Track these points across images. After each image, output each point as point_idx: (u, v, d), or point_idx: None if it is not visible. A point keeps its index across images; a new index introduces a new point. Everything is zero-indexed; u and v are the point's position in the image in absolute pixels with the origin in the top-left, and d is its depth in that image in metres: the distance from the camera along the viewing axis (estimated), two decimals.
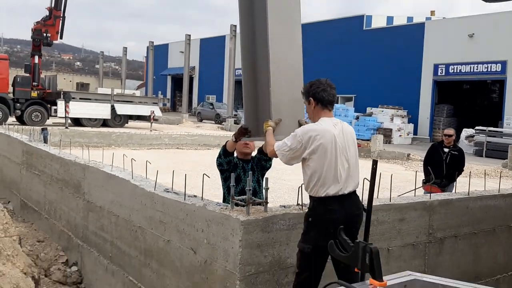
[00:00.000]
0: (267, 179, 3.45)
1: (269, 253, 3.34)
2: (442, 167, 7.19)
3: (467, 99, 32.27)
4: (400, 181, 11.54)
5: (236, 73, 34.12)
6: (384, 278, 2.06)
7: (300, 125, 3.70)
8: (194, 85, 49.14)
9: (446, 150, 7.49)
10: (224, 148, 4.27)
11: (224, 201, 4.34)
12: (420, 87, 30.27)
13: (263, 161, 4.42)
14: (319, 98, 3.27)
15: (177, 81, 51.88)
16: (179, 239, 3.82)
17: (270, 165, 4.46)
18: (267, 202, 3.43)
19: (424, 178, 6.94)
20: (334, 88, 3.33)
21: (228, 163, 4.32)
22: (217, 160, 4.37)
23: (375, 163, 2.50)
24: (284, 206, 3.62)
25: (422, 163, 18.56)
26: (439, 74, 29.51)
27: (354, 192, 3.26)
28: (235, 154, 4.48)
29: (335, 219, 3.05)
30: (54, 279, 5.42)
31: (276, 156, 3.31)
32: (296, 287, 3.16)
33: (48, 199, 6.74)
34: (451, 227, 4.51)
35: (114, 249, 4.88)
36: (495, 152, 21.15)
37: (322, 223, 3.06)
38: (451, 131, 7.72)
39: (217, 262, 3.39)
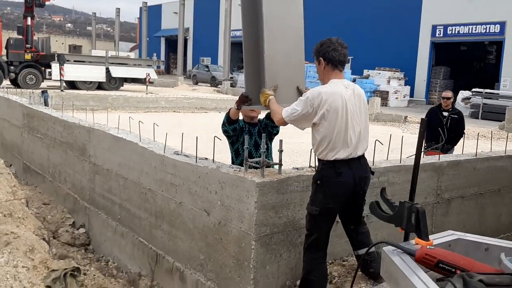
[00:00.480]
0: (281, 141, 3.44)
1: (283, 214, 3.37)
2: (442, 131, 6.91)
3: (464, 61, 32.11)
4: (398, 143, 11.60)
5: (232, 35, 33.61)
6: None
7: (299, 92, 3.59)
8: (189, 47, 48.46)
9: (445, 114, 7.28)
10: (227, 116, 4.20)
11: (232, 164, 4.34)
12: (418, 48, 30.02)
13: (269, 127, 4.35)
14: (329, 58, 3.15)
15: (171, 43, 51.11)
16: (191, 201, 3.85)
17: (277, 131, 4.40)
18: (281, 164, 3.43)
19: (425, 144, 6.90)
20: (345, 47, 3.21)
21: (233, 130, 4.28)
22: (222, 127, 4.32)
23: (422, 122, 2.45)
24: (297, 168, 3.63)
25: (419, 125, 18.66)
26: (437, 35, 29.23)
27: (363, 155, 3.24)
28: (241, 118, 4.44)
29: (344, 182, 3.07)
30: (63, 241, 5.48)
31: (285, 124, 3.22)
32: (307, 248, 3.19)
33: (52, 162, 6.73)
34: (459, 188, 4.56)
35: (123, 211, 4.92)
36: (491, 114, 21.23)
37: (330, 186, 3.07)
38: (449, 93, 7.52)
39: (232, 223, 3.42)
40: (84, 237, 5.62)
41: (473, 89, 23.68)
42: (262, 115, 4.58)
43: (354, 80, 28.16)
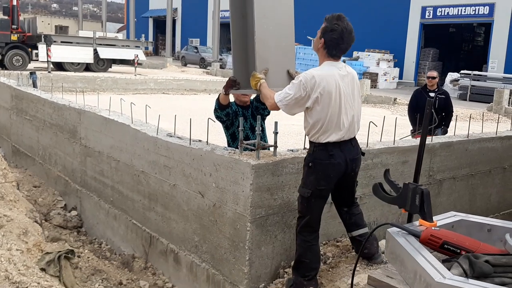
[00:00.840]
0: (276, 123, 3.42)
1: (278, 196, 3.38)
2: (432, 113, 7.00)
3: (453, 43, 32.17)
4: (389, 125, 11.66)
5: (221, 15, 33.25)
6: None
7: (290, 76, 3.53)
8: (177, 28, 47.85)
9: (432, 94, 7.10)
10: (218, 102, 4.08)
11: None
12: (407, 30, 29.97)
13: (260, 109, 4.26)
14: (329, 47, 3.07)
15: (159, 23, 50.41)
16: (185, 183, 3.84)
17: (268, 112, 4.28)
18: (276, 146, 3.43)
19: (412, 127, 6.72)
20: (350, 43, 3.13)
21: (226, 115, 4.14)
22: (214, 113, 4.19)
23: (429, 104, 2.44)
24: (292, 150, 3.63)
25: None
26: (426, 17, 29.17)
27: (354, 137, 3.23)
28: (232, 100, 4.36)
29: (335, 164, 3.07)
30: (55, 223, 5.45)
31: (277, 109, 3.14)
32: (300, 231, 3.19)
33: (41, 144, 6.66)
34: (450, 169, 4.60)
35: (115, 194, 4.90)
36: (479, 96, 21.35)
37: (322, 168, 3.06)
38: (434, 73, 7.41)
39: (227, 205, 3.42)
40: (76, 219, 5.60)
41: (462, 71, 23.76)
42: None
43: (343, 62, 28.13)
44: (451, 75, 24.70)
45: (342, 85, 3.06)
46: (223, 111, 4.09)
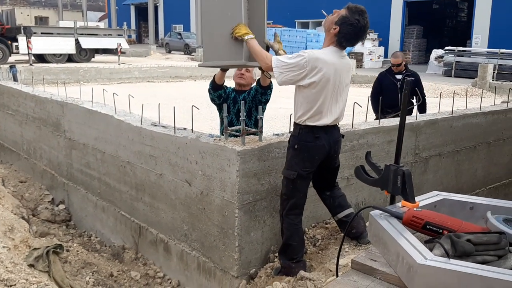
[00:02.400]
0: (261, 108, 3.40)
1: (265, 181, 3.37)
2: (396, 96, 5.99)
3: (437, 19, 32.19)
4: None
5: None
6: None
7: (273, 49, 3.38)
8: (159, 14, 47.23)
9: (399, 77, 6.25)
10: (212, 82, 4.00)
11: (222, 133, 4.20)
12: (391, 8, 29.89)
13: (258, 95, 4.09)
14: (341, 39, 2.99)
15: (141, 10, 49.69)
16: (172, 172, 3.81)
17: (266, 99, 4.11)
18: (261, 132, 3.41)
19: (375, 115, 5.79)
20: (365, 36, 3.07)
21: (219, 97, 4.06)
22: (209, 95, 4.14)
23: (408, 84, 2.42)
24: (277, 135, 3.62)
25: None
26: None
27: None
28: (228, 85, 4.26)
29: (321, 146, 3.08)
30: (43, 218, 5.41)
31: (270, 70, 3.07)
32: (286, 214, 3.19)
33: (26, 138, 6.57)
34: (436, 146, 4.63)
35: (102, 186, 4.86)
36: (464, 71, 21.42)
37: (308, 150, 3.07)
38: (399, 59, 6.35)
39: (214, 193, 3.41)
40: (64, 213, 5.56)
41: (446, 48, 23.81)
42: None
43: None
44: (436, 52, 24.73)
45: (340, 74, 3.04)
46: (216, 92, 4.03)
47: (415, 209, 1.92)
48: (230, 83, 4.01)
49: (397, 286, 1.77)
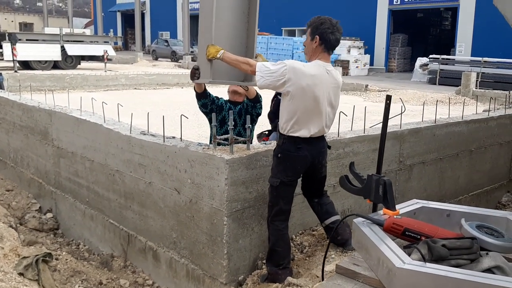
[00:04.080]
0: (248, 117, 3.47)
1: (253, 189, 3.44)
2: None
3: (421, 28, 32.68)
4: (361, 112, 11.85)
5: (191, 7, 32.92)
6: None
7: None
8: (146, 21, 47.18)
9: None
10: (195, 91, 4.11)
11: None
12: (376, 17, 30.29)
13: (249, 108, 4.23)
14: (326, 39, 3.12)
15: (127, 17, 49.58)
16: (161, 181, 3.86)
17: (256, 113, 4.26)
18: (249, 141, 3.48)
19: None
20: (341, 33, 3.21)
21: (204, 106, 4.16)
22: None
23: (388, 98, 2.52)
24: (265, 143, 3.69)
25: (380, 93, 18.84)
26: (394, 3, 29.51)
27: None
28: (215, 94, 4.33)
29: (302, 157, 3.17)
30: (30, 226, 5.40)
31: (253, 74, 3.17)
32: (272, 220, 3.28)
33: (12, 147, 6.55)
34: (419, 154, 4.74)
35: (91, 194, 4.88)
36: (448, 79, 21.77)
37: (290, 160, 3.17)
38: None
39: (203, 201, 3.47)
40: (52, 221, 5.55)
41: (430, 56, 24.18)
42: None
43: None
44: (420, 60, 25.09)
45: (324, 87, 3.11)
46: (200, 101, 4.15)
47: (395, 216, 2.01)
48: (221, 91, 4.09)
49: None
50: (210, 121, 4.19)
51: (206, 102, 4.17)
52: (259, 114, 4.15)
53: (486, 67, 20.67)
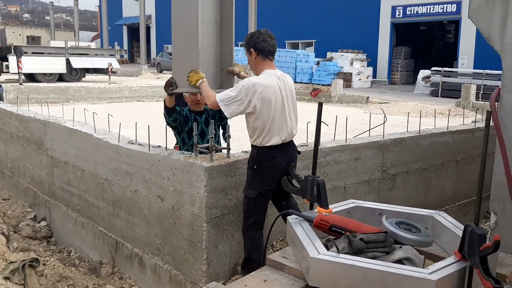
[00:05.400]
0: (228, 126, 3.58)
1: (233, 196, 3.53)
2: None
3: (424, 40, 32.83)
4: (359, 123, 11.91)
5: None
6: (330, 206, 2.36)
7: (234, 73, 3.75)
8: (152, 34, 47.76)
9: None
10: (165, 107, 4.00)
11: None
12: (379, 30, 30.49)
13: (217, 116, 4.23)
14: (260, 48, 3.32)
15: (133, 31, 50.21)
16: (146, 188, 3.96)
17: (223, 116, 4.27)
18: (229, 149, 3.58)
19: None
20: (274, 38, 3.39)
21: (175, 121, 4.08)
22: (165, 119, 4.12)
23: (320, 105, 2.68)
24: (246, 152, 3.78)
25: (381, 105, 18.93)
26: (396, 16, 29.71)
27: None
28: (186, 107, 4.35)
29: (278, 165, 3.30)
30: (24, 234, 5.50)
31: (218, 108, 3.32)
32: (247, 230, 3.39)
33: (10, 157, 6.70)
34: (403, 163, 4.82)
35: (82, 202, 4.99)
36: (450, 91, 21.83)
37: (267, 170, 3.29)
38: None
39: (184, 208, 3.56)
40: (45, 229, 5.66)
41: (432, 68, 24.28)
42: None
43: (318, 63, 28.48)
44: (423, 72, 25.20)
45: (282, 92, 3.30)
46: (170, 117, 4.01)
47: (324, 213, 2.13)
48: None
49: (300, 278, 2.10)
50: (178, 134, 4.21)
51: (176, 116, 4.06)
52: (226, 117, 4.13)
53: (488, 79, 20.72)
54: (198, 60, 3.58)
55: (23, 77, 20.32)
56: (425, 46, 32.80)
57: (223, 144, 3.81)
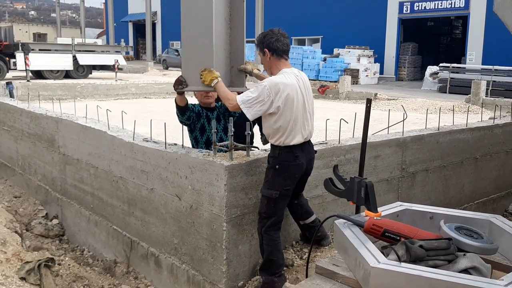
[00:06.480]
0: (249, 123, 3.49)
1: (253, 195, 3.45)
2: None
3: (432, 36, 32.58)
4: (370, 120, 11.81)
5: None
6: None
7: (246, 71, 3.66)
8: (157, 31, 47.68)
9: None
10: (177, 106, 3.90)
11: None
12: (386, 25, 30.27)
13: (225, 109, 4.12)
14: (274, 48, 3.25)
15: (139, 27, 50.16)
16: (162, 187, 3.89)
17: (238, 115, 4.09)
18: (249, 147, 3.50)
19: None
20: (287, 37, 3.33)
21: (188, 119, 3.99)
22: (178, 119, 4.04)
23: (369, 101, 2.57)
24: (265, 150, 3.70)
25: (389, 102, 18.79)
26: (404, 12, 29.49)
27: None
28: (196, 102, 4.21)
29: (300, 165, 3.26)
30: (36, 233, 5.45)
31: (239, 110, 3.23)
32: (266, 231, 3.30)
33: (21, 154, 6.65)
34: (422, 161, 4.72)
35: (95, 200, 4.92)
36: (459, 88, 21.63)
37: (289, 169, 3.23)
38: None
39: (203, 207, 3.49)
40: (57, 228, 5.60)
41: (440, 64, 24.07)
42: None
43: (324, 59, 28.32)
44: (431, 68, 24.99)
45: (301, 91, 3.25)
46: (183, 116, 3.93)
47: (375, 218, 2.02)
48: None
49: None
50: (191, 132, 4.12)
51: (190, 114, 3.98)
52: (236, 115, 4.01)
53: (497, 76, 20.52)
54: (213, 59, 3.47)
55: (30, 73, 20.30)
56: (433, 42, 32.56)
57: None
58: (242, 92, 3.28)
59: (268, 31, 3.33)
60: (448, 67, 23.15)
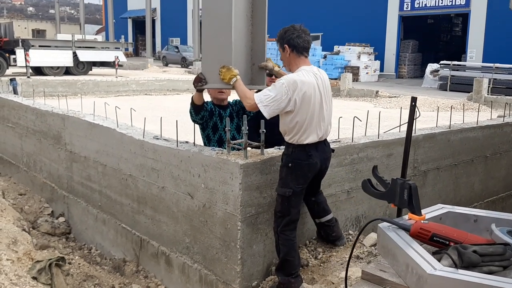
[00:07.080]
0: (262, 122, 3.45)
1: (268, 194, 3.41)
2: None
3: (432, 34, 32.54)
4: (372, 118, 11.77)
5: (201, 14, 33.12)
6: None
7: (267, 68, 3.60)
8: (157, 27, 47.52)
9: None
10: (192, 105, 3.83)
11: None
12: (386, 23, 30.22)
13: (242, 110, 4.04)
14: (294, 44, 3.20)
15: (138, 24, 50.01)
16: (174, 185, 3.85)
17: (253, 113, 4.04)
18: (264, 145, 3.45)
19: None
20: (308, 34, 3.28)
21: (201, 119, 3.91)
22: (191, 118, 3.96)
23: (414, 100, 2.51)
24: (280, 148, 3.66)
25: (390, 99, 18.76)
26: (404, 9, 29.44)
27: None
28: (209, 99, 4.12)
29: (313, 164, 3.22)
30: (43, 231, 5.41)
31: (256, 109, 3.17)
32: (282, 230, 3.26)
33: (25, 151, 6.59)
34: (434, 159, 4.69)
35: (103, 198, 4.88)
36: (459, 85, 21.61)
37: (302, 168, 3.19)
38: None
39: (217, 206, 3.45)
40: (64, 226, 5.56)
41: (441, 62, 24.04)
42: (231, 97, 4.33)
43: (325, 57, 28.26)
44: (431, 66, 24.96)
45: (320, 90, 3.20)
46: (198, 115, 3.86)
47: (422, 221, 1.97)
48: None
49: None
50: (203, 130, 4.05)
51: (203, 114, 3.90)
52: (250, 114, 3.94)
53: (498, 73, 20.50)
54: (231, 56, 3.42)
55: (30, 70, 20.20)
56: (433, 40, 32.52)
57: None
58: (260, 90, 3.24)
59: (289, 26, 3.26)
60: (449, 64, 23.10)
